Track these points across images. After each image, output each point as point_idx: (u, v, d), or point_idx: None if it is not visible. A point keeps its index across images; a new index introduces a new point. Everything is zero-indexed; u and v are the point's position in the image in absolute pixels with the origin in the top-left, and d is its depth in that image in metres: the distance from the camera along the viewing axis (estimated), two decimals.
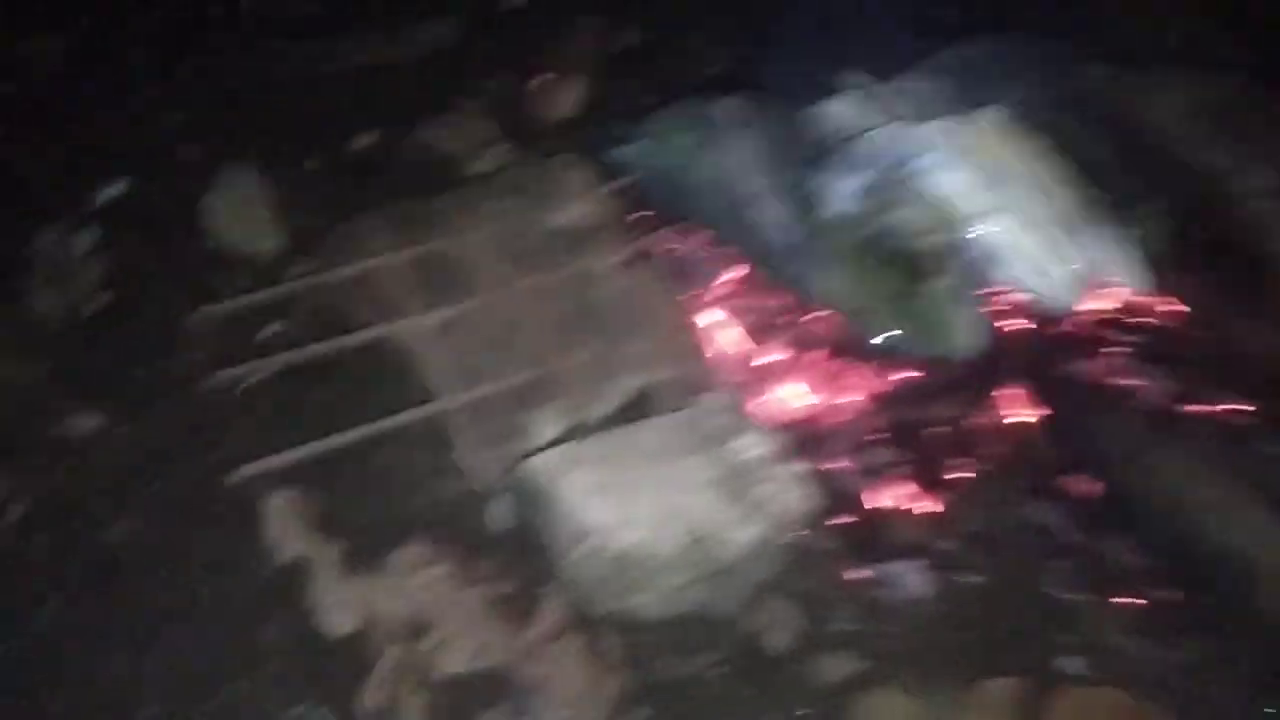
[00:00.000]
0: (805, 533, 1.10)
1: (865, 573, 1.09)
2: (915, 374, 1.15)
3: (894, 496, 1.15)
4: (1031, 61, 1.29)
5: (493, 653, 1.03)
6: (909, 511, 1.14)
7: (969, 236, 1.03)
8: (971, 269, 1.02)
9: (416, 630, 1.05)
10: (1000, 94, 1.18)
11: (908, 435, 1.18)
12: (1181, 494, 0.98)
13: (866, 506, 1.14)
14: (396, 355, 1.12)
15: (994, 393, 1.16)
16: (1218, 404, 1.21)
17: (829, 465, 1.16)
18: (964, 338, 1.01)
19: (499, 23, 1.79)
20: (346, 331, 1.12)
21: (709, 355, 1.09)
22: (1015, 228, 1.03)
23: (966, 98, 1.16)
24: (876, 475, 1.16)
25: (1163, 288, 1.29)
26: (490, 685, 1.01)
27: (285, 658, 1.04)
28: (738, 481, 0.96)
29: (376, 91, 1.73)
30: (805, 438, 1.17)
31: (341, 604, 1.07)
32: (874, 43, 1.34)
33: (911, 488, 1.15)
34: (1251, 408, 1.19)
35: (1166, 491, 0.99)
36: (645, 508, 0.95)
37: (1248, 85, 1.34)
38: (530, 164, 1.29)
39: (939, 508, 1.14)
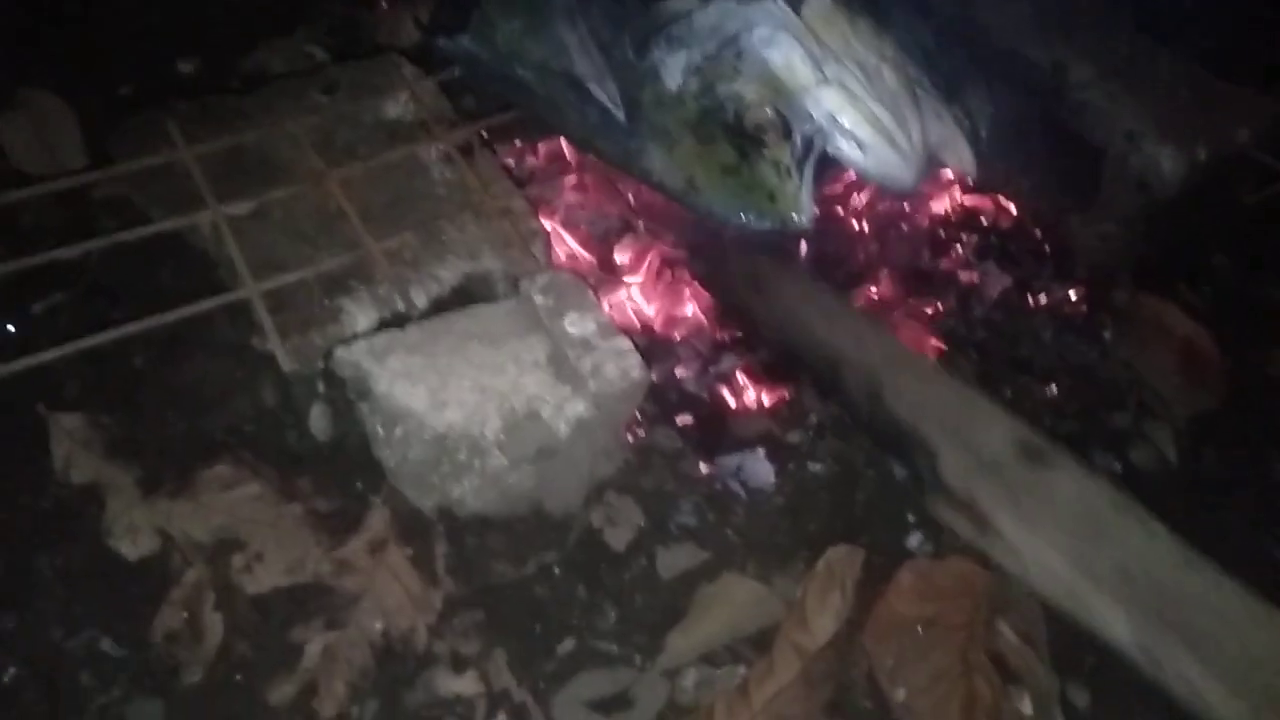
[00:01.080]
0: (641, 431, 1.08)
1: (708, 468, 1.06)
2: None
3: (737, 392, 1.13)
4: None
5: (307, 567, 0.95)
6: (754, 406, 1.12)
7: (798, 110, 1.00)
8: (802, 143, 1.00)
9: (222, 550, 0.96)
10: None
11: (749, 328, 1.16)
12: None
13: (709, 404, 1.11)
14: (196, 247, 1.02)
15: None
16: (1054, 295, 1.24)
17: (670, 366, 1.14)
18: (797, 209, 0.98)
19: None
20: (141, 224, 1.02)
21: (538, 243, 1.03)
22: (844, 104, 1.01)
23: None
24: (719, 372, 1.13)
25: (993, 179, 1.33)
26: (302, 600, 0.93)
27: (71, 585, 0.93)
28: (563, 359, 0.90)
29: (203, 17, 1.66)
30: (644, 338, 1.15)
31: (138, 528, 0.97)
32: None
33: (756, 382, 1.13)
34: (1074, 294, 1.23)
35: None
36: (464, 390, 0.88)
37: None
38: (351, 65, 1.22)
39: (784, 400, 1.12)
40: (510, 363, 0.90)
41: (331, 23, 1.66)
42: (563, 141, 1.16)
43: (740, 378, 1.14)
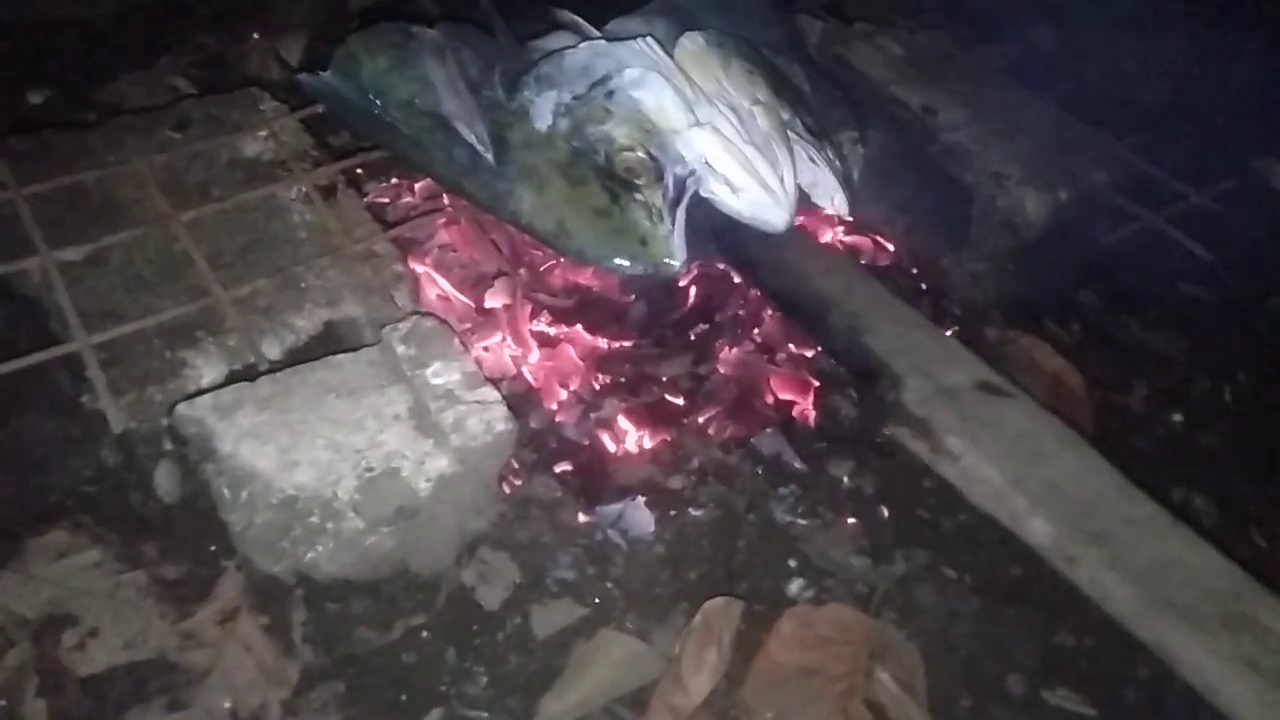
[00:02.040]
0: (518, 480, 1.04)
1: (588, 517, 1.03)
2: (631, 305, 1.12)
3: (615, 439, 1.10)
4: (745, 10, 1.30)
5: (149, 642, 0.88)
6: (633, 452, 1.09)
7: (671, 153, 0.99)
8: (674, 185, 0.99)
9: (52, 627, 0.88)
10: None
11: (628, 375, 1.14)
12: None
13: (587, 452, 1.08)
14: (26, 295, 0.94)
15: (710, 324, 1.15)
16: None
17: (546, 414, 1.11)
18: (668, 253, 0.96)
19: None
20: None
21: (403, 288, 0.99)
22: (716, 146, 1.00)
23: (675, 37, 1.14)
24: (597, 419, 1.10)
25: (869, 220, 1.35)
26: (143, 679, 0.86)
27: None
28: (425, 412, 0.86)
29: (62, 46, 1.56)
30: (517, 387, 1.12)
31: None
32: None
33: (635, 427, 1.11)
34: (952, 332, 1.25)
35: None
36: (317, 448, 0.83)
37: (945, 39, 1.43)
38: (208, 99, 1.15)
39: (664, 446, 1.10)
40: (369, 417, 0.85)
41: (198, 54, 1.59)
42: (429, 175, 1.12)
43: (622, 422, 1.11)
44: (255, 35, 1.56)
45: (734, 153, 1.01)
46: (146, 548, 0.95)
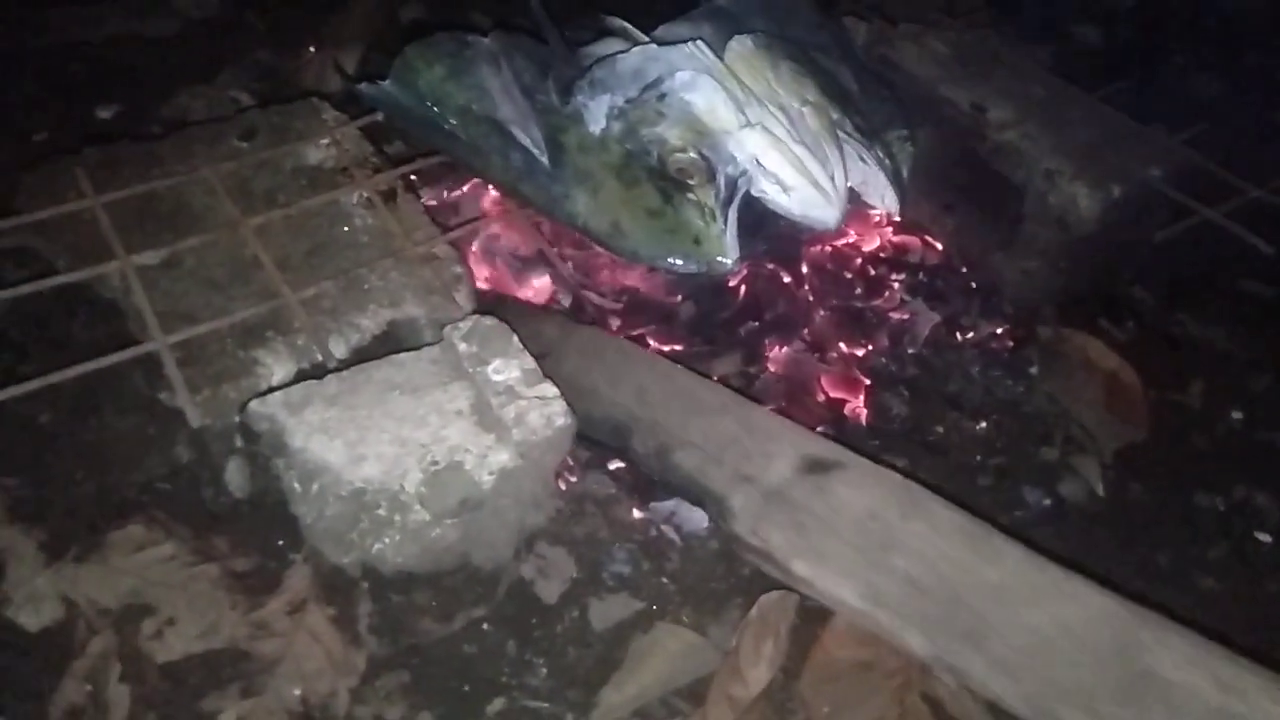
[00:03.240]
0: (573, 477, 1.06)
1: (642, 513, 1.04)
2: (680, 305, 1.13)
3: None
4: (792, 12, 1.32)
5: (222, 631, 0.91)
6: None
7: (722, 153, 1.01)
8: (726, 185, 1.00)
9: (131, 616, 0.92)
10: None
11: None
12: None
13: None
14: (105, 298, 0.98)
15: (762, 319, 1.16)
16: (981, 331, 1.26)
17: None
18: (722, 251, 0.98)
19: None
20: (46, 275, 0.97)
21: (463, 288, 1.01)
22: (767, 146, 1.01)
23: (723, 41, 1.15)
24: None
25: (918, 218, 1.35)
26: (216, 666, 0.89)
27: None
28: (487, 408, 0.88)
29: (128, 64, 1.63)
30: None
31: (40, 596, 0.92)
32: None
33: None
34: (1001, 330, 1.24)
35: None
36: (383, 442, 0.85)
37: (992, 38, 1.43)
38: (272, 109, 1.19)
39: None
40: (432, 413, 0.88)
41: (257, 69, 1.65)
42: (486, 179, 1.14)
43: None
44: (311, 49, 1.61)
45: (785, 152, 1.02)
46: (218, 541, 0.99)
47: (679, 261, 0.98)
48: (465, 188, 1.25)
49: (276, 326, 0.94)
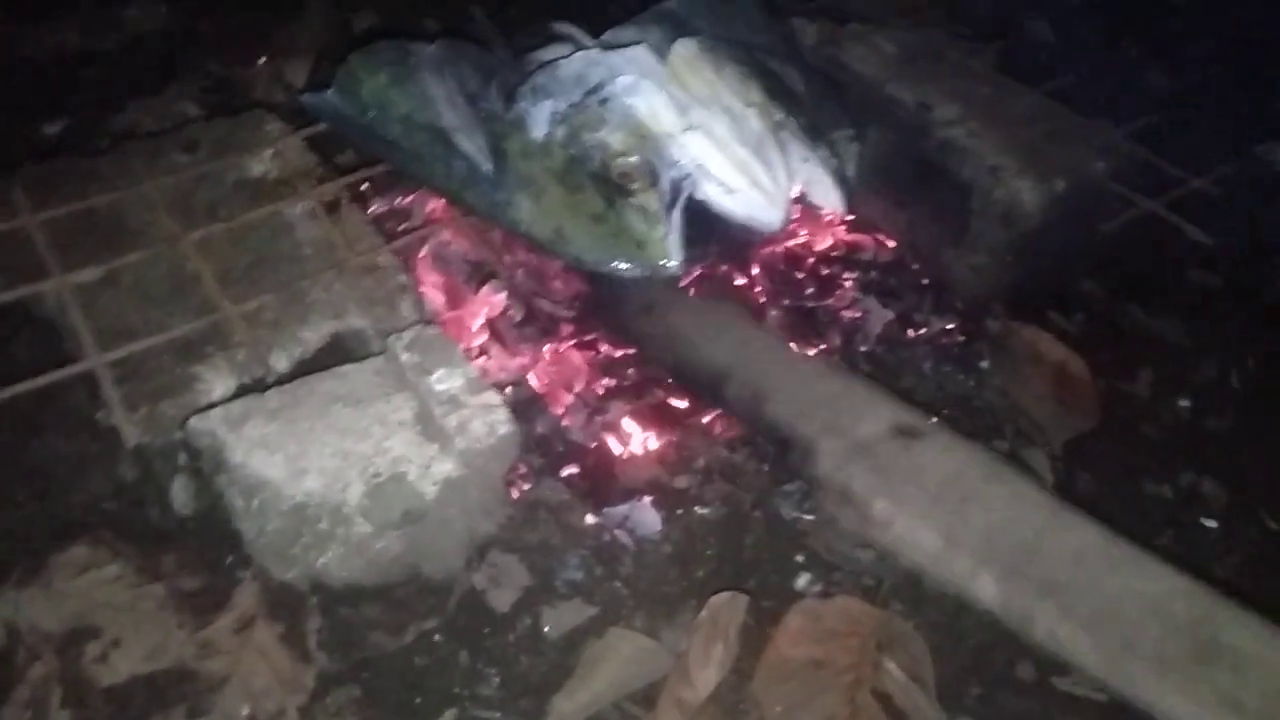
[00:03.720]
0: (526, 485, 1.06)
1: (595, 519, 1.04)
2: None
3: (621, 441, 1.11)
4: (739, 15, 1.32)
5: (169, 652, 0.90)
6: (639, 453, 1.11)
7: (665, 157, 1.01)
8: (669, 189, 1.00)
9: (75, 640, 0.90)
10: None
11: (632, 378, 1.15)
12: None
13: (593, 455, 1.10)
14: (42, 317, 0.97)
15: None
16: (933, 327, 1.27)
17: (552, 418, 1.12)
18: (665, 254, 0.98)
19: (221, 5, 1.70)
20: None
21: (407, 298, 1.01)
22: (709, 149, 1.02)
23: (669, 44, 1.16)
24: (602, 422, 1.12)
25: (871, 217, 1.36)
26: (163, 687, 0.88)
27: None
28: (430, 418, 0.87)
29: (76, 78, 1.61)
30: (522, 392, 1.13)
31: None
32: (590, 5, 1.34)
33: (640, 429, 1.12)
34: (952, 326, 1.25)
35: None
36: (325, 455, 0.85)
37: (939, 37, 1.44)
38: (215, 122, 1.18)
39: (670, 445, 1.11)
40: (375, 424, 0.87)
41: (207, 81, 1.63)
42: (430, 187, 1.14)
43: (627, 424, 1.12)
44: (262, 60, 1.60)
45: (728, 154, 1.02)
46: (165, 560, 0.97)
47: (623, 266, 0.99)
48: (415, 195, 1.24)
49: (216, 341, 0.93)
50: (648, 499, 1.05)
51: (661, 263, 0.98)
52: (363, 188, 1.24)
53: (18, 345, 1.00)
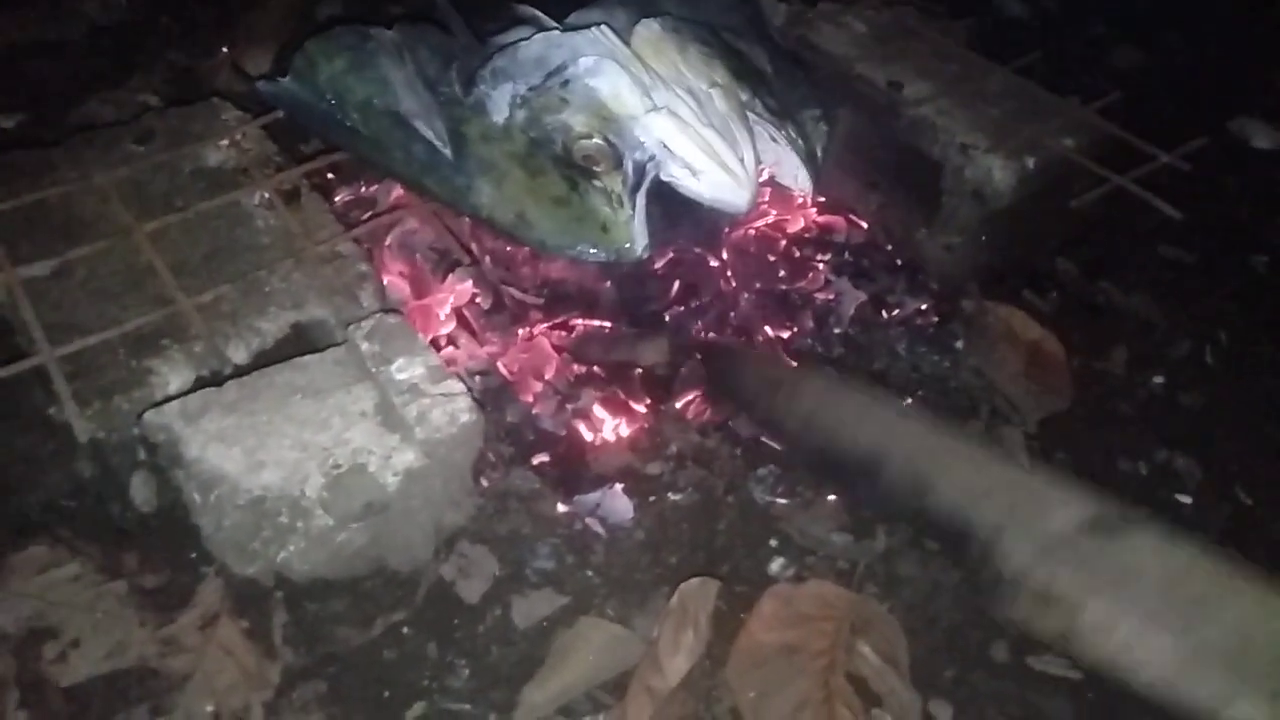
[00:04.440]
0: (496, 473, 1.04)
1: (567, 507, 1.03)
2: (603, 292, 1.12)
3: (593, 428, 1.10)
4: None
5: (130, 650, 0.88)
6: (610, 440, 1.09)
7: (629, 139, 0.99)
8: (634, 171, 0.99)
9: (33, 640, 0.89)
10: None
11: (603, 364, 1.14)
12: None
13: (564, 442, 1.08)
14: None
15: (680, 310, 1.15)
16: (906, 308, 1.26)
17: (523, 406, 1.11)
18: (629, 238, 0.96)
19: None
20: None
21: (368, 287, 0.99)
22: (674, 130, 1.00)
23: (634, 25, 1.14)
24: (573, 410, 1.10)
25: (843, 197, 1.35)
26: (123, 687, 0.86)
27: None
28: (391, 408, 0.86)
29: (34, 70, 1.58)
30: (492, 381, 1.12)
31: None
32: None
33: (611, 415, 1.11)
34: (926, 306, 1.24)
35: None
36: (284, 448, 0.83)
37: (910, 16, 1.42)
38: (170, 111, 1.16)
39: (641, 433, 1.10)
40: (335, 415, 0.85)
41: (168, 71, 1.60)
42: (390, 173, 1.12)
43: (599, 411, 1.11)
44: (224, 49, 1.57)
45: (692, 136, 1.01)
46: (126, 558, 0.96)
47: (587, 250, 0.97)
48: (380, 183, 1.22)
49: (172, 334, 0.91)
50: (619, 486, 1.04)
51: (626, 246, 0.97)
52: (329, 176, 1.23)
53: None
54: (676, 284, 1.22)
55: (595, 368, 1.13)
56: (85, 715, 0.85)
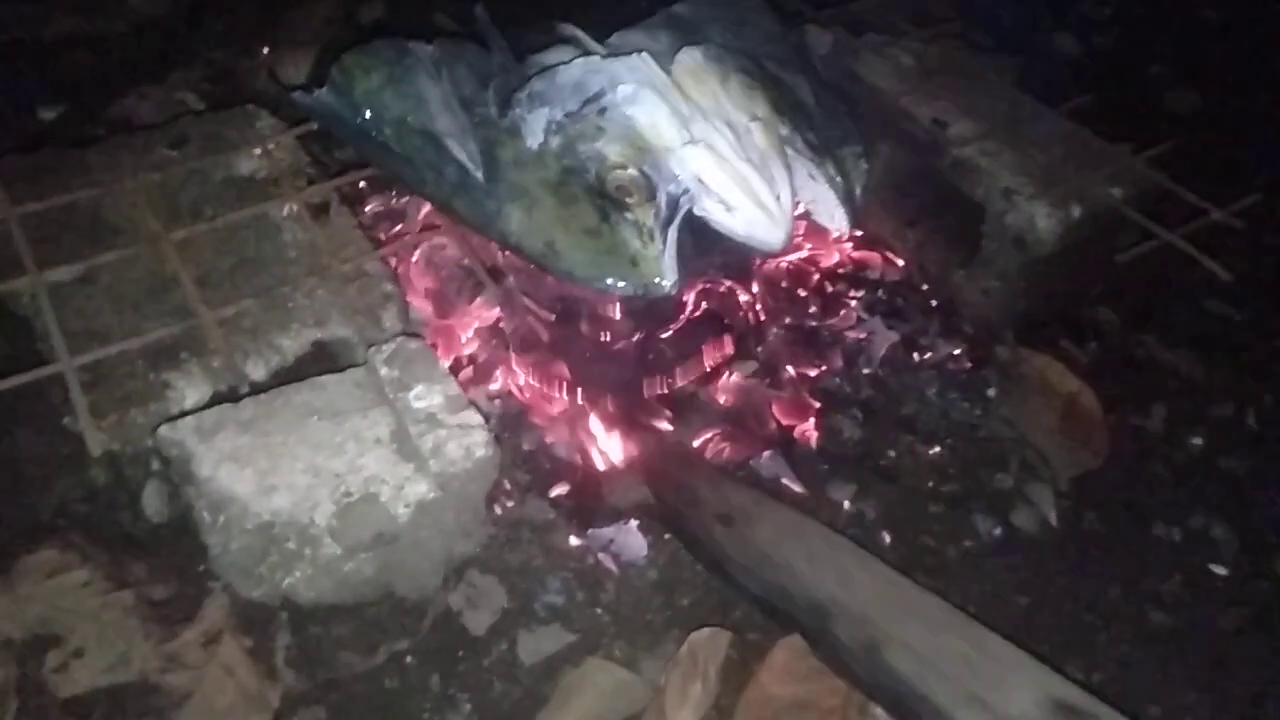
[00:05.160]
0: (510, 502, 1.02)
1: (580, 540, 1.01)
2: (622, 327, 1.10)
3: (609, 460, 1.08)
4: (750, 23, 1.28)
5: (132, 664, 0.88)
6: (626, 473, 1.07)
7: (663, 171, 0.97)
8: (667, 204, 0.96)
9: (36, 647, 0.88)
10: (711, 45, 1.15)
11: (619, 393, 1.12)
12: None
13: (580, 474, 1.06)
14: (18, 314, 0.94)
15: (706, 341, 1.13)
16: (939, 352, 1.23)
17: (539, 435, 1.09)
18: (659, 273, 0.94)
19: None
20: None
21: (391, 309, 0.98)
22: (710, 164, 0.98)
23: (676, 51, 1.12)
24: (584, 438, 1.08)
25: (880, 234, 1.32)
26: (122, 702, 0.85)
27: None
28: (406, 436, 0.84)
29: (76, 63, 1.59)
30: (508, 407, 1.10)
31: None
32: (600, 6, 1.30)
33: (627, 448, 1.09)
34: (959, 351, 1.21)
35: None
36: (296, 472, 0.82)
37: (959, 50, 1.39)
38: (205, 116, 1.15)
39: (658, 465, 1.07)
40: (350, 440, 0.84)
41: (209, 70, 1.61)
42: (422, 193, 1.11)
43: (609, 440, 1.08)
44: (265, 50, 1.57)
45: (729, 171, 0.98)
46: (135, 567, 0.95)
47: (615, 283, 0.95)
48: (409, 199, 1.21)
49: (192, 347, 0.90)
50: (634, 523, 1.03)
51: (655, 281, 0.94)
52: (359, 187, 1.22)
53: None
54: (703, 318, 1.20)
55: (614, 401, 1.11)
56: None
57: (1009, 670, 0.84)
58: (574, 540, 1.01)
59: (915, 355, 1.22)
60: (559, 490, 1.05)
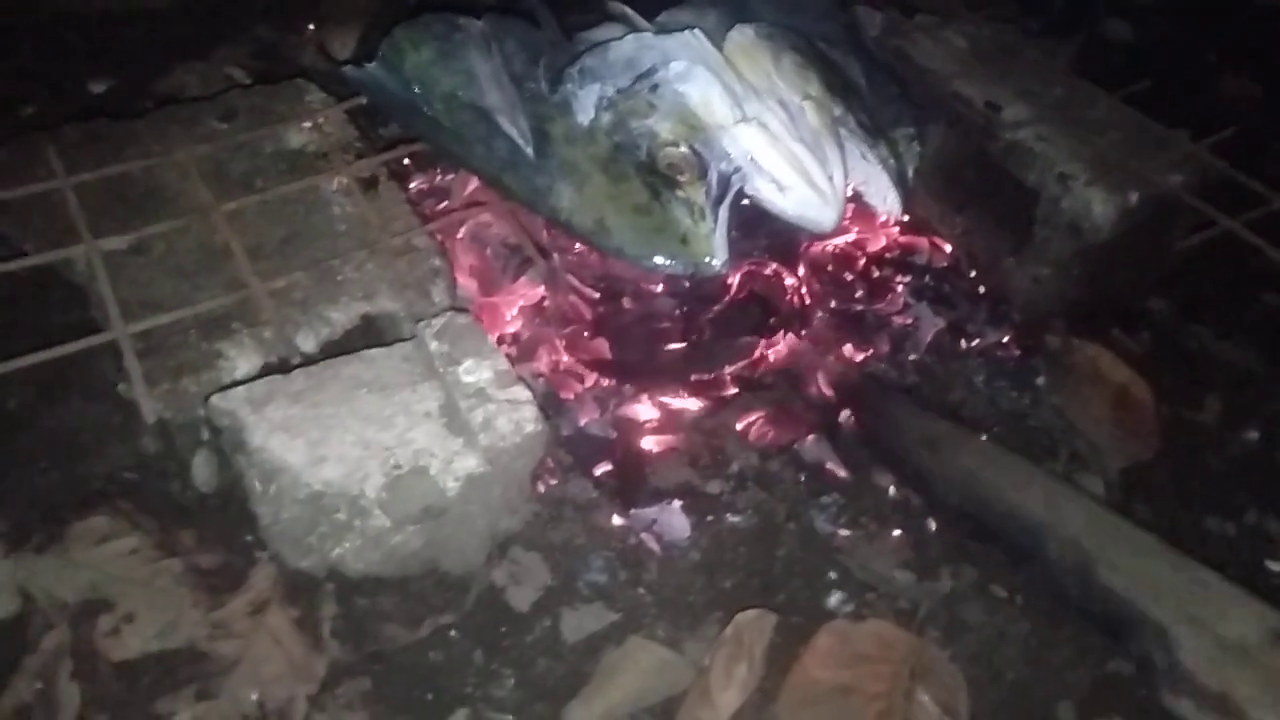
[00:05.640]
0: (554, 480, 1.02)
1: (623, 520, 1.00)
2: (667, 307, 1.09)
3: (654, 440, 1.07)
4: (801, 1, 1.26)
5: (181, 630, 0.88)
6: (670, 454, 1.07)
7: (715, 149, 0.96)
8: (718, 183, 0.95)
9: (89, 611, 0.89)
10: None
11: (665, 375, 1.11)
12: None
13: (625, 452, 1.06)
14: (73, 282, 0.95)
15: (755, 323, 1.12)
16: (987, 339, 1.21)
17: (581, 413, 1.09)
18: (710, 252, 0.93)
19: None
20: (15, 257, 0.94)
21: (440, 283, 0.98)
22: (762, 143, 0.97)
23: (726, 29, 1.10)
24: (634, 420, 1.08)
25: (928, 218, 1.30)
26: (173, 666, 0.86)
27: None
28: (456, 410, 0.84)
29: (124, 37, 1.60)
30: (551, 384, 1.10)
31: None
32: None
33: (673, 429, 1.08)
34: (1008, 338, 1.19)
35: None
36: (346, 444, 0.82)
37: (1013, 33, 1.37)
38: (255, 89, 1.16)
39: (703, 448, 1.07)
40: (400, 413, 0.84)
41: (255, 45, 1.61)
42: (471, 168, 1.10)
43: (651, 414, 1.08)
44: (310, 27, 1.57)
45: (781, 150, 0.97)
46: (184, 535, 0.96)
47: (665, 261, 0.94)
48: (457, 174, 1.21)
49: (243, 318, 0.91)
50: (678, 503, 1.02)
51: (705, 260, 0.94)
52: (405, 163, 1.22)
53: (48, 309, 0.99)
54: (749, 298, 1.19)
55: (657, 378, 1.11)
56: (134, 692, 0.85)
57: (1228, 600, 0.86)
58: (617, 519, 1.01)
59: (962, 342, 1.20)
60: (602, 469, 1.05)
